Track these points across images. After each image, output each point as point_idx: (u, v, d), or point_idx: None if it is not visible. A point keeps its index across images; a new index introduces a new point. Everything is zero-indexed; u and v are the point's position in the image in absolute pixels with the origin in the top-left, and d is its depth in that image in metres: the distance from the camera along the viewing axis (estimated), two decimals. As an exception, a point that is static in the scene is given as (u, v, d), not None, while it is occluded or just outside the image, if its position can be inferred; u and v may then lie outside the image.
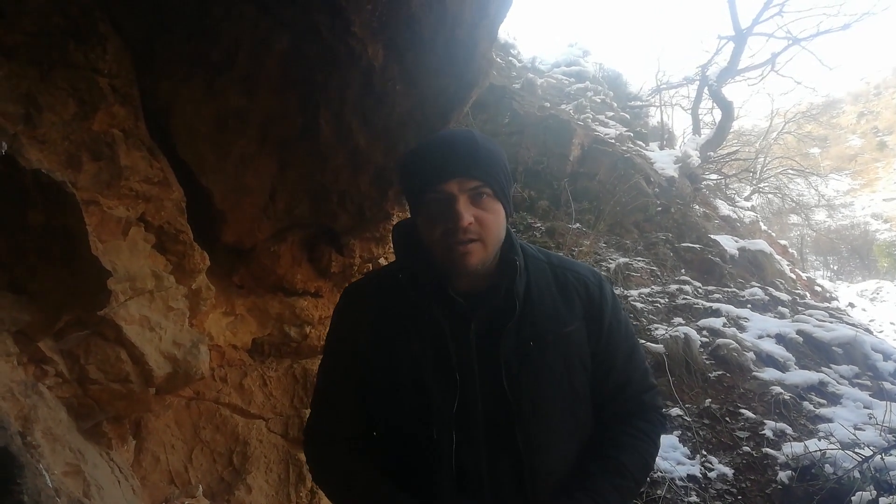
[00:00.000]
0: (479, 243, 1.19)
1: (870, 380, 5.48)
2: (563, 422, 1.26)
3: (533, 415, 1.22)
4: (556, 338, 1.26)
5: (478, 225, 1.18)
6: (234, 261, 2.86)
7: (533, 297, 1.28)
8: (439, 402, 1.21)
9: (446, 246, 1.19)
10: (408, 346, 1.25)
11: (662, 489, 3.81)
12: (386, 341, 1.27)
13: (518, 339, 1.24)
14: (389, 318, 1.29)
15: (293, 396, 3.05)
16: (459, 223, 1.16)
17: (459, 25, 2.34)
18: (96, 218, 1.97)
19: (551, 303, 1.30)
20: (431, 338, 1.23)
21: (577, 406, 1.28)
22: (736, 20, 12.32)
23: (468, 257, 1.18)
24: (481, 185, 1.19)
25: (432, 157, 1.23)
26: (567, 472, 1.25)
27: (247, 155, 2.43)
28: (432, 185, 1.19)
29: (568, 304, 1.31)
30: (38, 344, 1.89)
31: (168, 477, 2.57)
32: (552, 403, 1.24)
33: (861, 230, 26.53)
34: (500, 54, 12.25)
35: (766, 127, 18.22)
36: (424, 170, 1.22)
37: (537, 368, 1.24)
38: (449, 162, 1.19)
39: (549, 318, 1.28)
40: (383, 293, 1.34)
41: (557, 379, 1.25)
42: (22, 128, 1.72)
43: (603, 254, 7.53)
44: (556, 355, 1.26)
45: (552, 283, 1.33)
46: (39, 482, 1.24)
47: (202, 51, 2.15)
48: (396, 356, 1.26)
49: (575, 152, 9.26)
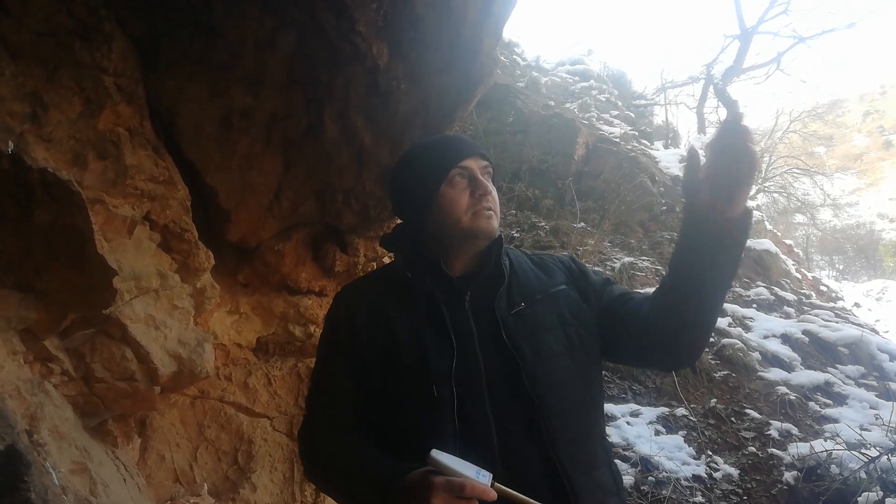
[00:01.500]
0: (494, 213, 1.36)
1: (876, 380, 5.46)
2: (565, 368, 1.32)
3: (535, 361, 1.29)
4: (543, 297, 1.39)
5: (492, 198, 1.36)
6: (238, 259, 2.86)
7: (517, 271, 1.43)
8: (437, 362, 1.26)
9: (474, 213, 1.34)
10: (404, 318, 1.34)
11: (668, 489, 3.80)
12: (381, 319, 1.35)
13: (510, 300, 1.36)
14: (384, 300, 1.38)
15: (298, 395, 3.06)
16: (487, 189, 1.35)
17: (464, 24, 2.33)
18: (102, 217, 1.97)
19: (533, 274, 1.45)
20: (427, 309, 1.33)
21: (577, 354, 1.35)
22: (741, 19, 12.30)
23: (492, 221, 1.35)
24: (489, 165, 1.40)
25: (444, 144, 1.43)
26: (575, 415, 1.30)
27: (252, 154, 2.43)
28: (455, 163, 1.35)
29: (549, 274, 1.46)
30: (44, 342, 1.90)
31: (173, 475, 2.57)
32: (551, 350, 1.32)
33: (867, 229, 26.43)
34: (505, 53, 12.24)
35: (772, 126, 18.15)
36: (443, 154, 1.38)
37: (531, 322, 1.34)
38: (464, 144, 1.41)
39: (534, 284, 1.42)
40: (376, 284, 1.47)
41: (552, 330, 1.35)
42: (28, 126, 1.73)
43: (608, 253, 7.52)
44: (547, 310, 1.37)
45: (530, 263, 1.49)
46: (46, 480, 1.25)
47: (207, 50, 2.15)
48: (393, 330, 1.32)
49: (579, 151, 9.25)
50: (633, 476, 3.92)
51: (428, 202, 1.38)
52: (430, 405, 1.24)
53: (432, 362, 1.26)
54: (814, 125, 20.82)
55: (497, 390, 1.26)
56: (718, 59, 13.43)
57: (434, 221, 1.38)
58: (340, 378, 1.36)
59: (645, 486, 3.85)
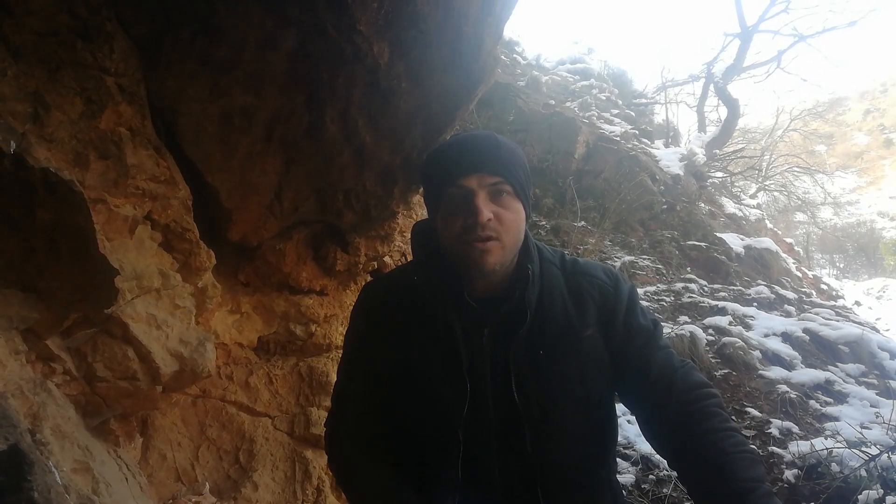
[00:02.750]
0: (497, 242, 1.15)
1: (876, 378, 5.45)
2: (575, 426, 1.23)
3: (542, 420, 1.20)
4: (568, 345, 1.23)
5: (497, 222, 1.15)
6: (239, 259, 2.86)
7: (545, 305, 1.25)
8: (450, 405, 1.19)
9: (464, 242, 1.16)
10: (421, 349, 1.24)
11: (668, 488, 3.80)
12: (400, 344, 1.26)
13: (528, 346, 1.21)
14: (404, 322, 1.27)
15: (299, 394, 3.06)
16: (479, 218, 1.13)
17: (465, 23, 2.33)
18: (103, 216, 1.97)
19: (563, 311, 1.26)
20: (444, 342, 1.21)
21: (592, 411, 1.25)
22: (742, 17, 12.30)
23: (486, 256, 1.15)
24: (501, 182, 1.17)
25: (453, 153, 1.22)
26: (578, 475, 1.24)
27: (253, 153, 2.43)
28: (452, 180, 1.17)
29: (580, 311, 1.27)
30: (46, 342, 1.90)
31: (175, 474, 2.58)
32: (562, 409, 1.22)
33: (867, 228, 26.42)
34: (505, 52, 12.24)
35: (772, 124, 18.14)
36: (444, 166, 1.20)
37: (547, 376, 1.21)
38: (469, 157, 1.18)
39: (562, 326, 1.24)
40: (399, 296, 1.31)
41: (569, 386, 1.22)
42: (30, 126, 1.73)
43: (608, 252, 7.52)
44: (569, 363, 1.23)
45: (565, 291, 1.29)
46: (49, 479, 1.25)
47: (208, 49, 2.15)
48: (409, 360, 1.24)
49: (580, 150, 9.25)
50: (634, 475, 3.92)
51: (433, 219, 1.28)
52: (436, 447, 1.21)
53: (444, 406, 1.20)
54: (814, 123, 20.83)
55: (504, 443, 1.21)
56: (719, 58, 13.43)
57: (441, 240, 1.25)
58: (363, 380, 1.33)
59: (646, 485, 3.85)
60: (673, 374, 1.24)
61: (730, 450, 1.13)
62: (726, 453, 1.13)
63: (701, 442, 1.16)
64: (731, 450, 1.13)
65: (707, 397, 1.23)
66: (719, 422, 1.19)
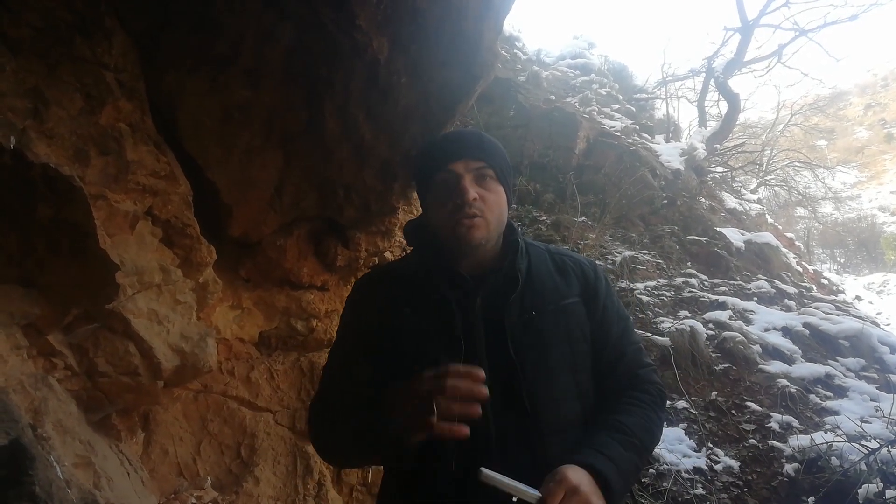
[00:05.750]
0: (482, 219, 1.29)
1: (876, 372, 5.45)
2: (566, 384, 1.32)
3: (537, 375, 1.28)
4: (556, 308, 1.36)
5: (481, 202, 1.30)
6: (240, 254, 2.87)
7: (533, 274, 1.39)
8: None
9: (453, 221, 1.29)
10: (415, 319, 1.32)
11: (668, 481, 3.81)
12: (394, 318, 1.34)
13: (521, 308, 1.33)
14: (398, 298, 1.37)
15: (300, 389, 3.07)
16: (465, 197, 1.27)
17: (464, 18, 2.33)
18: (104, 212, 1.98)
19: (550, 280, 1.41)
20: (438, 311, 1.31)
21: (579, 373, 1.34)
22: (742, 11, 12.25)
23: (473, 231, 1.28)
24: (484, 166, 1.33)
25: (441, 144, 1.38)
26: (571, 432, 1.29)
27: (252, 148, 2.43)
28: (441, 165, 1.32)
29: (566, 281, 1.42)
30: (47, 337, 1.91)
31: (177, 469, 2.59)
32: (554, 366, 1.31)
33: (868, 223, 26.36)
34: (505, 47, 12.21)
35: (773, 119, 18.07)
36: (434, 155, 1.35)
37: (539, 334, 1.32)
38: (456, 145, 1.35)
39: (549, 291, 1.38)
40: (392, 278, 1.45)
41: (558, 345, 1.33)
42: (30, 122, 1.73)
43: (609, 247, 7.52)
44: (557, 324, 1.34)
45: (550, 265, 1.45)
46: (51, 474, 1.26)
47: (207, 44, 2.15)
48: (404, 329, 1.32)
49: (580, 145, 9.23)
50: (635, 469, 3.93)
51: (424, 207, 1.41)
52: None
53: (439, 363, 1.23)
54: (815, 118, 20.78)
55: (500, 402, 1.24)
56: (719, 53, 13.36)
57: (432, 225, 1.38)
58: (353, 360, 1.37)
59: (646, 479, 3.86)
60: (637, 369, 1.41)
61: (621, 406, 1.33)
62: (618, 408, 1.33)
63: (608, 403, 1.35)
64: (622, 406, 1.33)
65: (648, 392, 1.39)
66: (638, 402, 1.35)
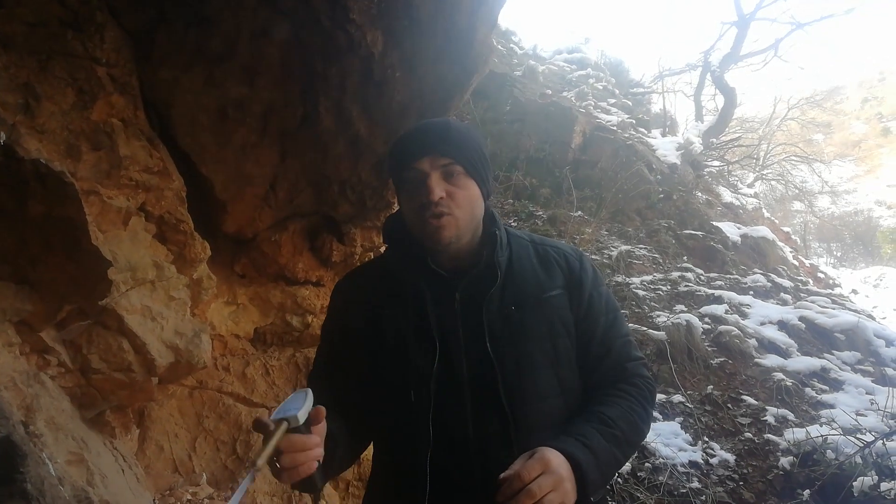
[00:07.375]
0: (450, 217, 1.26)
1: (872, 366, 5.49)
2: (547, 381, 1.28)
3: (516, 373, 1.25)
4: (537, 302, 1.32)
5: (449, 199, 1.26)
6: (235, 250, 2.86)
7: (514, 266, 1.35)
8: (418, 365, 1.25)
9: (421, 220, 1.26)
10: (392, 316, 1.31)
11: (664, 475, 3.83)
12: (373, 315, 1.33)
13: (500, 303, 1.30)
14: (376, 295, 1.36)
15: (296, 385, 3.07)
16: (430, 196, 1.24)
17: (458, 11, 2.32)
18: (96, 208, 1.97)
19: (532, 272, 1.36)
20: (414, 307, 1.29)
21: (561, 368, 1.31)
22: (739, 5, 12.27)
23: (441, 231, 1.25)
24: (452, 163, 1.27)
25: (407, 139, 1.33)
26: (554, 430, 1.24)
27: (247, 144, 2.42)
28: (408, 164, 1.28)
29: (549, 273, 1.37)
30: (39, 334, 1.90)
31: (172, 465, 2.59)
32: (534, 362, 1.27)
33: (864, 217, 26.40)
34: (501, 41, 12.18)
35: (769, 113, 18.09)
36: (402, 152, 1.31)
37: (519, 330, 1.28)
38: (421, 141, 1.30)
39: (531, 284, 1.34)
40: (371, 275, 1.45)
41: (539, 340, 1.29)
42: (21, 118, 1.72)
43: (605, 241, 7.53)
44: (538, 318, 1.31)
45: (533, 256, 1.40)
46: (42, 471, 1.25)
47: (202, 40, 2.14)
48: (381, 327, 1.31)
49: (577, 140, 9.23)
50: (630, 462, 3.94)
51: (399, 203, 1.39)
52: (406, 409, 1.23)
53: (412, 365, 1.25)
54: (812, 112, 20.74)
55: (478, 399, 1.23)
56: (716, 47, 13.38)
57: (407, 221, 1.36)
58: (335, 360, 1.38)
59: (642, 473, 3.88)
60: (625, 363, 1.37)
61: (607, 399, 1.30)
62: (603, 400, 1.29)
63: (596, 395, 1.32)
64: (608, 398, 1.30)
65: (636, 385, 1.35)
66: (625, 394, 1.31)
